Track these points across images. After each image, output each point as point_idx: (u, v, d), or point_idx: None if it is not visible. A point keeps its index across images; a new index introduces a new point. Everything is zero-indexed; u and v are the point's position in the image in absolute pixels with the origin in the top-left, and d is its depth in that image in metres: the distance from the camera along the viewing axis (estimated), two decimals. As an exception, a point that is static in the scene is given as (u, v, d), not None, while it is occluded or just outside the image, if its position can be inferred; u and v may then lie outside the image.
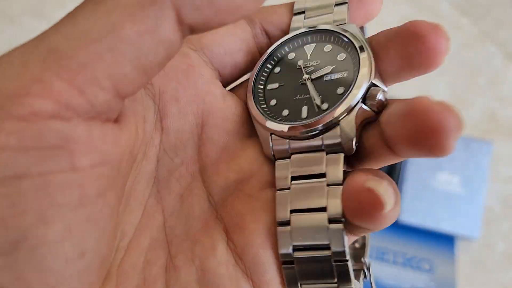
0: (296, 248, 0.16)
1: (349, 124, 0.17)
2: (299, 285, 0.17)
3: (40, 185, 0.12)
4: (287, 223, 0.17)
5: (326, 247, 0.16)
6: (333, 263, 0.16)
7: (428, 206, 0.55)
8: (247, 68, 0.20)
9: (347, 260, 0.16)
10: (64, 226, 0.13)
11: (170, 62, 0.17)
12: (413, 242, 0.56)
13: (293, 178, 0.17)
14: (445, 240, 0.56)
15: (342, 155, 0.17)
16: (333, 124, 0.17)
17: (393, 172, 0.56)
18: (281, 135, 0.18)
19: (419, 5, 0.73)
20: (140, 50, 0.13)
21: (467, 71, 0.68)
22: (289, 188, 0.17)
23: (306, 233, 0.16)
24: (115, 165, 0.14)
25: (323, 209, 0.16)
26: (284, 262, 0.17)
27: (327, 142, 0.17)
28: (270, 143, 0.18)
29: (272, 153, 0.18)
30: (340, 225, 0.16)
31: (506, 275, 0.55)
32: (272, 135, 0.18)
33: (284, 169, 0.18)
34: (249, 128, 0.19)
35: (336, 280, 0.17)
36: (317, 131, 0.17)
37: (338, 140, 0.17)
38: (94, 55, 0.13)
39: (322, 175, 0.17)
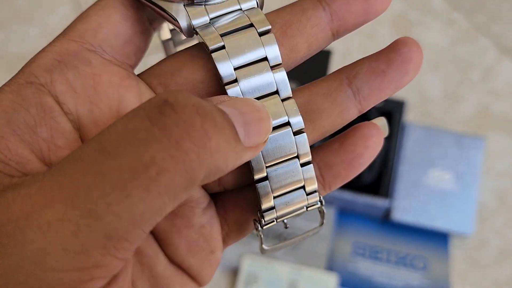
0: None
1: None
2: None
3: None
4: (234, 80, 0.17)
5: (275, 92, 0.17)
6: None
7: (421, 203, 0.55)
8: (146, 47, 0.20)
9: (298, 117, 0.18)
10: None
11: (78, 80, 0.17)
12: (406, 240, 0.56)
13: (222, 35, 0.17)
14: (438, 237, 0.56)
15: (259, 9, 0.18)
16: None
17: (386, 170, 0.55)
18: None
19: (411, 1, 0.73)
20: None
21: (460, 65, 0.68)
22: (224, 47, 0.17)
23: (253, 85, 0.17)
24: None
25: (264, 59, 0.17)
26: None
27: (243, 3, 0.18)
28: (187, 14, 0.17)
29: (192, 27, 0.17)
30: (283, 69, 0.18)
31: (501, 271, 0.54)
32: (186, 7, 0.17)
33: (212, 32, 0.17)
34: None
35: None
36: None
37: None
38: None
39: (251, 25, 0.17)
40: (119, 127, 0.14)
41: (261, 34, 0.17)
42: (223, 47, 0.17)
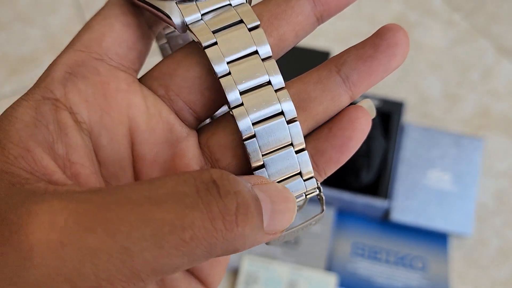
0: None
1: None
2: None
3: None
4: (228, 73, 0.18)
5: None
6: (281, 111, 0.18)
7: (420, 204, 0.55)
8: (148, 51, 0.21)
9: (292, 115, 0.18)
10: None
11: (89, 89, 0.18)
12: (405, 240, 0.56)
13: (214, 31, 0.18)
14: (437, 238, 0.56)
15: (247, 4, 0.19)
16: None
17: (384, 171, 0.56)
18: None
19: (411, 2, 0.73)
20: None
21: (459, 66, 0.68)
22: (216, 43, 0.18)
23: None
24: None
25: (255, 52, 0.18)
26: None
27: None
28: (180, 12, 0.18)
29: (185, 23, 0.18)
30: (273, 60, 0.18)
31: (500, 271, 0.54)
32: (179, 5, 0.18)
33: (204, 29, 0.18)
34: (178, 130, 0.19)
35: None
36: None
37: None
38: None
39: (240, 21, 0.18)
40: (169, 185, 0.15)
41: (250, 29, 0.18)
42: (215, 43, 0.18)
